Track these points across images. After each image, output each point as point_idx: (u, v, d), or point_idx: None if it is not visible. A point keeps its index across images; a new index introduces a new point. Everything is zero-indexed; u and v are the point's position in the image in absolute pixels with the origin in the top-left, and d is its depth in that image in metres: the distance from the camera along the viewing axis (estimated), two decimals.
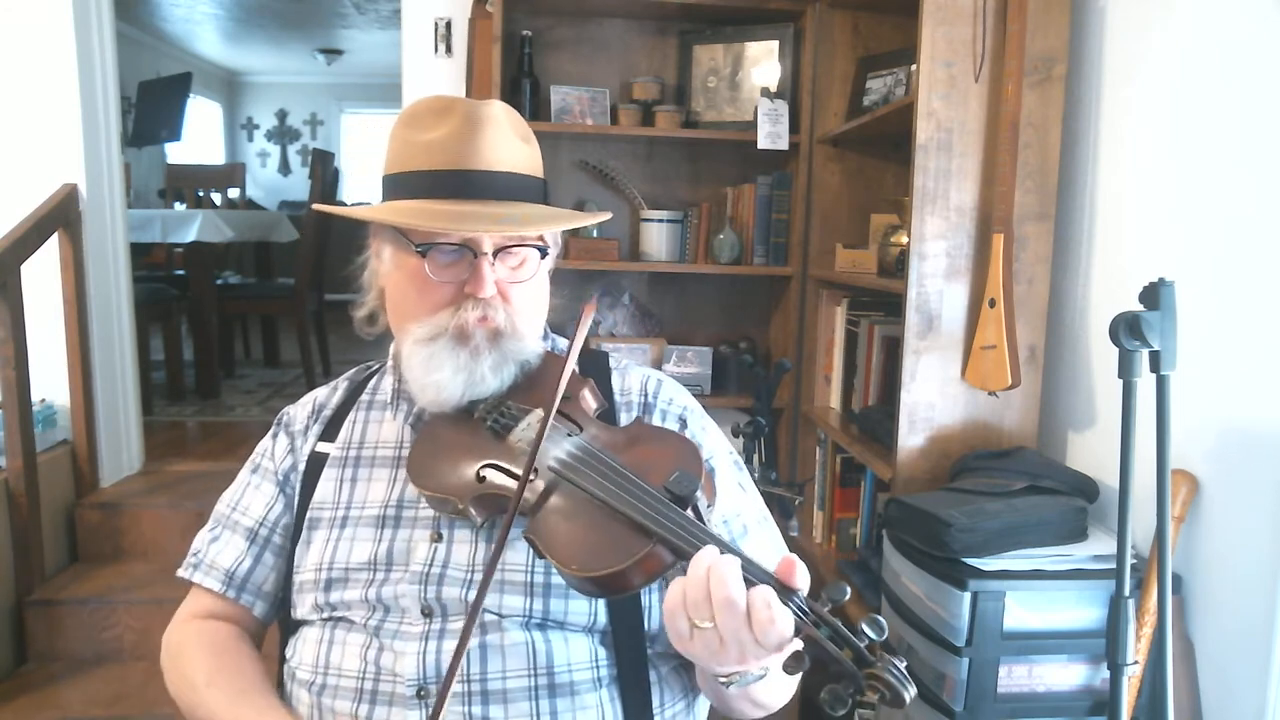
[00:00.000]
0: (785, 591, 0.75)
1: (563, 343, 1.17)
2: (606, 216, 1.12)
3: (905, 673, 0.71)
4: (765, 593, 0.74)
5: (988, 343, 1.81)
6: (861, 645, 0.73)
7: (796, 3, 2.71)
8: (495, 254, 1.00)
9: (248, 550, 1.11)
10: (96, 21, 2.85)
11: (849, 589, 0.75)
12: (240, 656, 1.07)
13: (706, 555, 0.77)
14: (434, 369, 1.00)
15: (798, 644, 0.74)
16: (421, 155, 0.99)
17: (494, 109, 1.01)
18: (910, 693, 0.70)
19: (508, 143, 1.01)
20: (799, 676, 0.75)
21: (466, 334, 0.99)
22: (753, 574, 0.76)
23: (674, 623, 0.78)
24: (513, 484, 0.93)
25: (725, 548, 0.79)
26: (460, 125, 0.99)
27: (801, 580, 0.76)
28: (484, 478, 0.95)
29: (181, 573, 1.13)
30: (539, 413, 0.98)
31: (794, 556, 0.77)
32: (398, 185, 1.02)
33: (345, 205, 6.74)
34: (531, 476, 0.91)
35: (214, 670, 1.04)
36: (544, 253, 1.04)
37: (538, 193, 1.04)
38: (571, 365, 0.93)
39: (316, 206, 1.11)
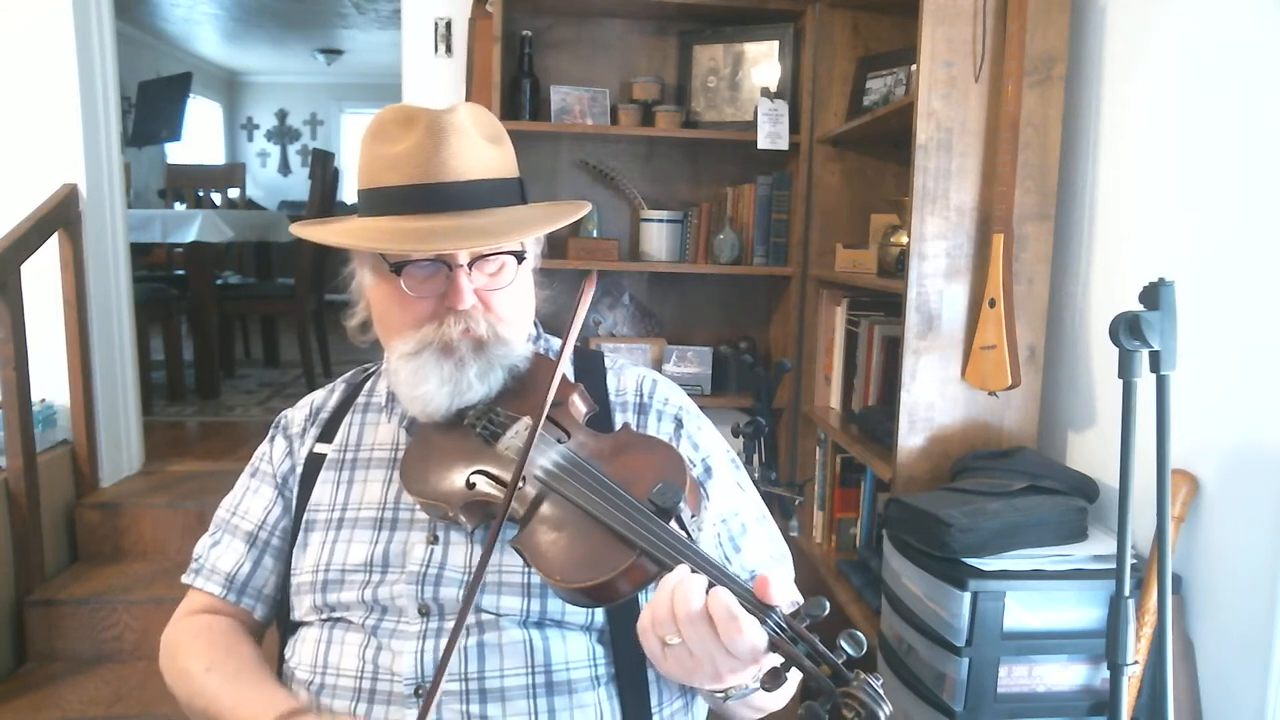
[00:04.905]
0: (762, 608, 0.75)
1: (556, 342, 1.17)
2: (585, 209, 1.10)
3: (880, 692, 0.71)
4: (726, 596, 0.74)
5: (988, 343, 1.81)
6: (839, 662, 0.73)
7: (796, 3, 2.71)
8: (471, 263, 0.99)
9: (247, 554, 1.12)
10: (96, 21, 2.85)
11: (827, 604, 0.75)
12: (237, 643, 1.08)
13: (675, 575, 0.77)
14: (420, 381, 0.99)
15: (777, 660, 0.74)
16: (389, 170, 0.98)
17: (457, 115, 0.99)
18: (885, 711, 0.70)
19: (474, 148, 0.99)
20: (795, 684, 0.76)
21: (451, 347, 0.99)
22: (723, 585, 0.77)
23: (646, 642, 0.79)
24: (501, 492, 0.94)
25: (702, 565, 0.79)
26: (423, 137, 0.97)
27: (777, 596, 0.76)
28: (473, 484, 0.96)
29: (185, 579, 1.15)
30: (528, 420, 0.98)
31: (768, 575, 0.77)
32: (369, 202, 1.01)
33: (345, 205, 6.76)
34: (521, 484, 0.91)
35: (212, 657, 1.04)
36: (520, 257, 1.03)
37: (512, 194, 1.03)
38: (561, 373, 0.93)
39: (293, 229, 1.09)
